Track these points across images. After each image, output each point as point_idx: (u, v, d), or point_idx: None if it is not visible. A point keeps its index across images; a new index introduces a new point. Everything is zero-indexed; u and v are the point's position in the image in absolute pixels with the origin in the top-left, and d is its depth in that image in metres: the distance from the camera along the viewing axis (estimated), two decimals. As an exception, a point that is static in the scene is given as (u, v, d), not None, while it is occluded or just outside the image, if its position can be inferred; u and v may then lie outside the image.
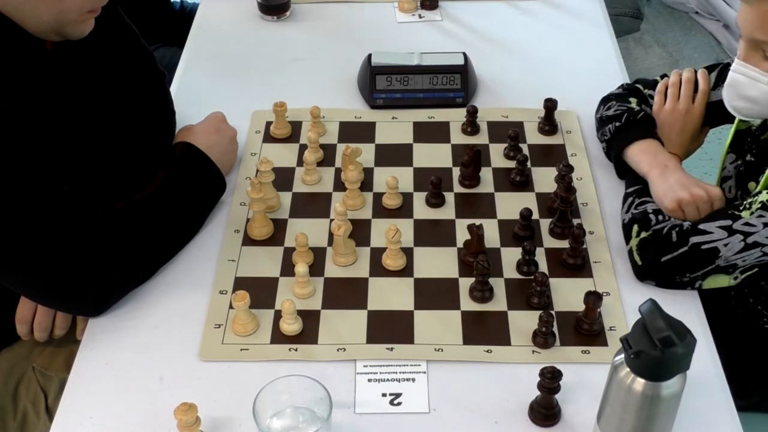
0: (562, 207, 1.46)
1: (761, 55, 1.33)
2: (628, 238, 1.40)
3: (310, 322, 1.33)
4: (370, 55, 1.77)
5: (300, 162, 1.61)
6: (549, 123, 1.67)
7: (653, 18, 2.47)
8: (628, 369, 1.06)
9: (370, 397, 1.24)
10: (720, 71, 1.55)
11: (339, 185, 1.57)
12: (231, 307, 1.34)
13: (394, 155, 1.64)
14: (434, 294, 1.38)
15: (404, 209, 1.53)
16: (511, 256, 1.43)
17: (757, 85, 1.34)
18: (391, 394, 1.24)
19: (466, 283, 1.39)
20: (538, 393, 1.19)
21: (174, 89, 1.78)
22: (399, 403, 1.23)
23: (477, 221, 1.43)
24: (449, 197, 1.55)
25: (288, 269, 1.41)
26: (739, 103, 1.39)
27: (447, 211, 1.52)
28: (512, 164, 1.59)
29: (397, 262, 1.41)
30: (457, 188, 1.57)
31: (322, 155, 1.62)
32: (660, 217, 1.39)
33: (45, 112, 1.34)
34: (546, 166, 1.59)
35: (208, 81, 1.85)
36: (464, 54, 1.77)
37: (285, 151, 1.65)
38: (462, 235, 1.46)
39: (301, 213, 1.52)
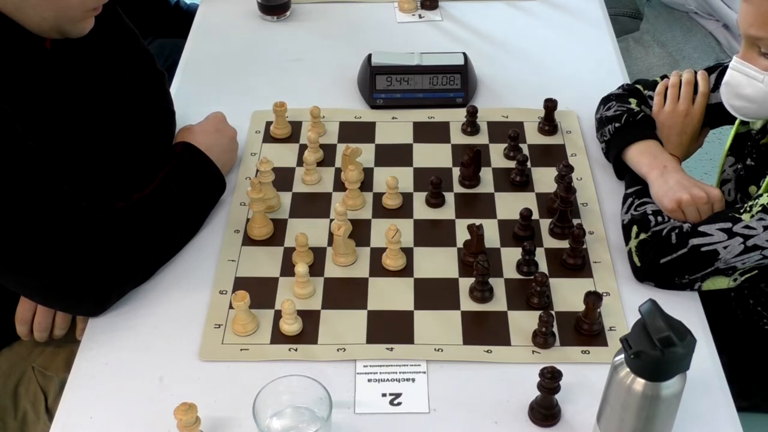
0: (562, 207, 1.46)
1: (757, 52, 1.34)
2: (627, 239, 1.40)
3: (310, 322, 1.33)
4: (370, 55, 1.77)
5: (300, 162, 1.61)
6: (549, 123, 1.67)
7: (653, 18, 2.47)
8: (628, 369, 1.06)
9: (370, 397, 1.24)
10: (720, 73, 1.55)
11: (339, 185, 1.57)
12: (231, 307, 1.34)
13: (394, 155, 1.64)
14: (434, 294, 1.38)
15: (404, 209, 1.53)
16: (511, 256, 1.43)
17: (754, 83, 1.35)
18: (391, 394, 1.24)
19: (466, 283, 1.39)
20: (538, 393, 1.19)
21: (174, 89, 1.78)
22: (399, 403, 1.23)
23: (477, 221, 1.43)
24: (449, 197, 1.55)
25: (288, 269, 1.41)
26: (736, 102, 1.39)
27: (447, 211, 1.52)
28: (512, 164, 1.59)
29: (397, 262, 1.41)
30: (457, 188, 1.57)
31: (322, 155, 1.62)
32: (659, 219, 1.39)
33: (44, 111, 1.34)
34: (546, 166, 1.60)
35: (208, 81, 1.85)
36: (464, 54, 1.77)
37: (285, 151, 1.65)
38: (462, 235, 1.46)
39: (301, 213, 1.52)
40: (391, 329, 1.33)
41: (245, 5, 2.05)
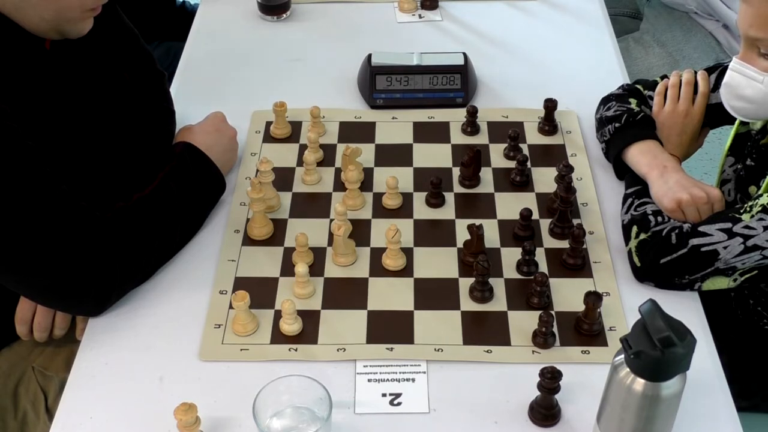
0: (562, 207, 1.46)
1: (757, 53, 1.34)
2: (627, 239, 1.40)
3: (310, 322, 1.33)
4: (370, 55, 1.78)
5: (300, 162, 1.61)
6: (549, 123, 1.67)
7: (653, 18, 2.48)
8: (628, 369, 1.06)
9: (370, 397, 1.24)
10: (720, 73, 1.55)
11: (339, 185, 1.57)
12: (231, 307, 1.34)
13: (394, 155, 1.64)
14: (434, 294, 1.38)
15: (404, 209, 1.53)
16: (511, 256, 1.43)
17: (753, 84, 1.35)
18: (391, 394, 1.24)
19: (466, 283, 1.39)
20: (538, 393, 1.19)
21: (174, 89, 1.78)
22: (399, 403, 1.23)
23: (477, 221, 1.43)
24: (449, 197, 1.55)
25: (288, 269, 1.41)
26: (736, 103, 1.39)
27: (447, 211, 1.52)
28: (512, 164, 1.59)
29: (397, 262, 1.41)
30: (457, 188, 1.57)
31: (322, 155, 1.62)
32: (659, 219, 1.39)
33: (44, 111, 1.34)
34: (546, 166, 1.60)
35: (208, 81, 1.85)
36: (464, 54, 1.77)
37: (285, 151, 1.65)
38: (462, 235, 1.46)
39: (301, 213, 1.52)
40: (391, 329, 1.33)
41: (245, 5, 2.05)
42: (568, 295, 1.37)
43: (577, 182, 1.52)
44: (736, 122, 1.51)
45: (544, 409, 1.20)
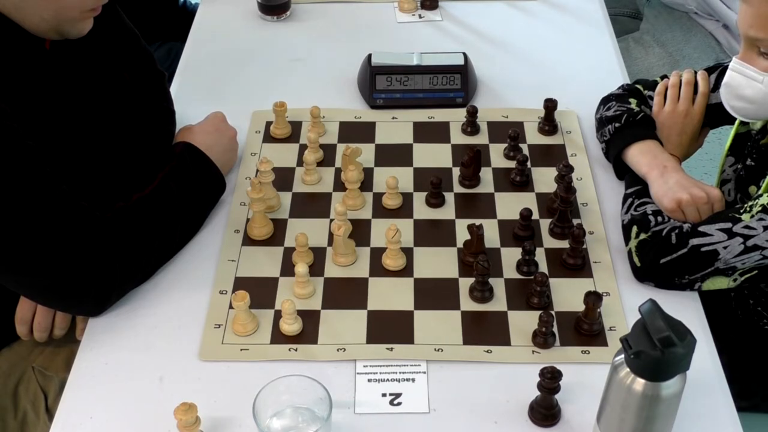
0: (562, 207, 1.46)
1: (757, 53, 1.34)
2: (627, 239, 1.40)
3: (310, 322, 1.33)
4: (370, 55, 1.78)
5: (300, 162, 1.61)
6: (549, 123, 1.68)
7: (653, 18, 2.48)
8: (628, 369, 1.06)
9: (370, 397, 1.24)
10: (720, 73, 1.55)
11: (339, 185, 1.57)
12: (231, 307, 1.34)
13: (394, 155, 1.64)
14: (434, 294, 1.38)
15: (404, 209, 1.53)
16: (511, 256, 1.43)
17: (753, 84, 1.35)
18: (391, 394, 1.24)
19: (466, 283, 1.39)
20: (538, 393, 1.19)
21: (174, 89, 1.78)
22: (399, 403, 1.23)
23: (477, 221, 1.43)
24: (449, 197, 1.55)
25: (288, 269, 1.41)
26: (736, 103, 1.39)
27: (447, 211, 1.52)
28: (512, 164, 1.59)
29: (397, 262, 1.41)
30: (457, 188, 1.57)
31: (322, 155, 1.62)
32: (659, 219, 1.39)
33: (44, 111, 1.34)
34: (546, 166, 1.60)
35: (208, 81, 1.85)
36: (464, 54, 1.77)
37: (285, 151, 1.65)
38: (462, 235, 1.46)
39: (301, 213, 1.53)
40: (391, 329, 1.33)
41: (245, 5, 2.05)
42: (568, 295, 1.37)
43: (577, 182, 1.52)
44: (736, 122, 1.51)
45: (544, 409, 1.20)
